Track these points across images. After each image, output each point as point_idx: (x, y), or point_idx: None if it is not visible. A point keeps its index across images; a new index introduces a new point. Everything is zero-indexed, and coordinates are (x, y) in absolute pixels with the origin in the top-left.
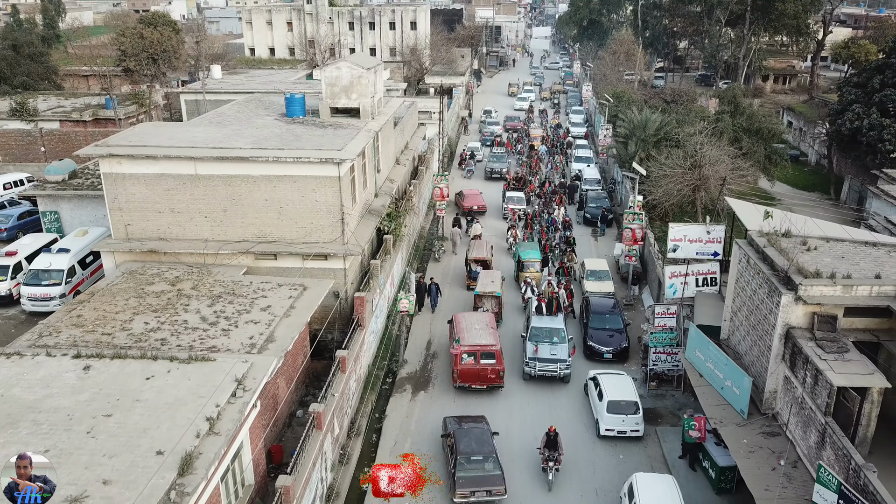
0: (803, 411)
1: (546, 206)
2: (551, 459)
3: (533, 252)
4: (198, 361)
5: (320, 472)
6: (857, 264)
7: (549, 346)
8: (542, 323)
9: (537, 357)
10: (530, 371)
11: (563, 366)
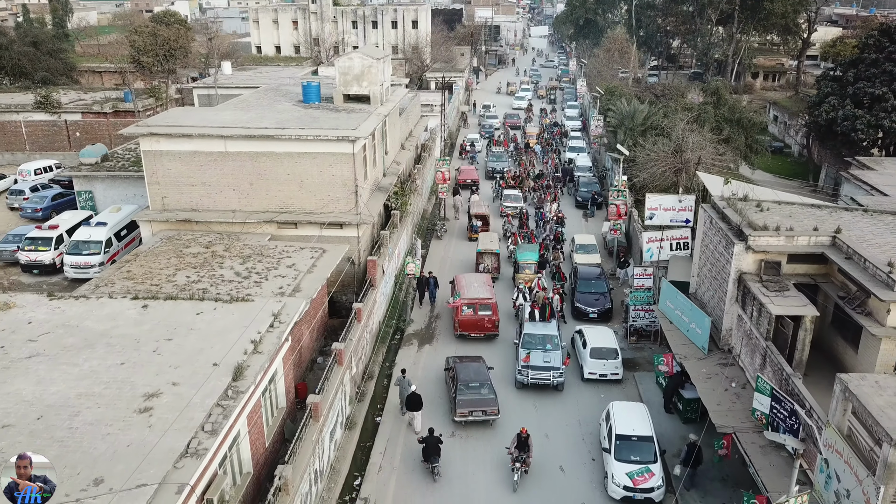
0: (751, 341)
1: (540, 202)
2: (519, 460)
3: (530, 254)
4: (238, 302)
5: (341, 402)
6: (801, 221)
7: (542, 353)
8: (535, 329)
9: (530, 365)
10: (523, 379)
11: (557, 373)
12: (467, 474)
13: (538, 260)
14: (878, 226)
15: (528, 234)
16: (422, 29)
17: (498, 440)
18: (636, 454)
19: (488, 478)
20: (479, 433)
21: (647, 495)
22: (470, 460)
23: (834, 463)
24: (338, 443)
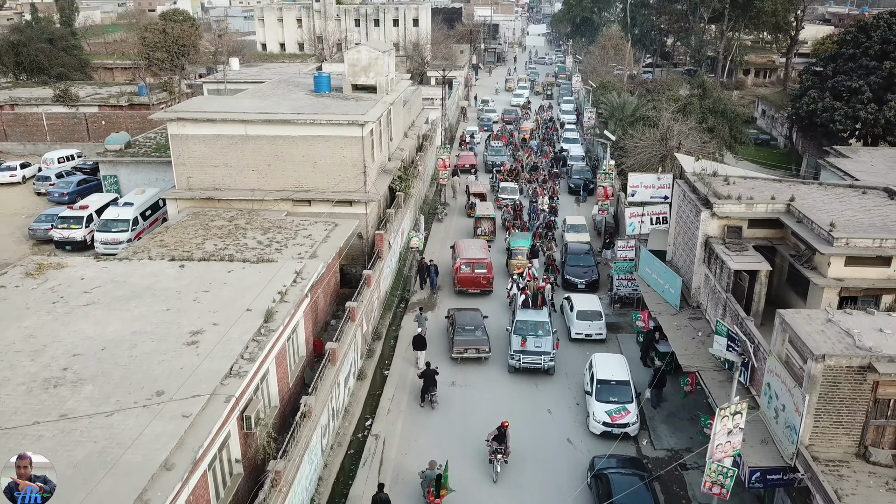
0: (715, 296)
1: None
2: (499, 452)
3: (523, 241)
4: (264, 262)
5: (354, 354)
6: (761, 192)
7: (534, 338)
8: (527, 316)
9: (522, 350)
10: (515, 364)
11: (548, 358)
12: (465, 416)
13: (530, 247)
14: (829, 196)
15: (522, 225)
16: (422, 27)
17: (490, 389)
18: (614, 395)
19: (482, 420)
20: (474, 383)
21: (623, 430)
22: (468, 406)
23: (774, 385)
24: (351, 390)
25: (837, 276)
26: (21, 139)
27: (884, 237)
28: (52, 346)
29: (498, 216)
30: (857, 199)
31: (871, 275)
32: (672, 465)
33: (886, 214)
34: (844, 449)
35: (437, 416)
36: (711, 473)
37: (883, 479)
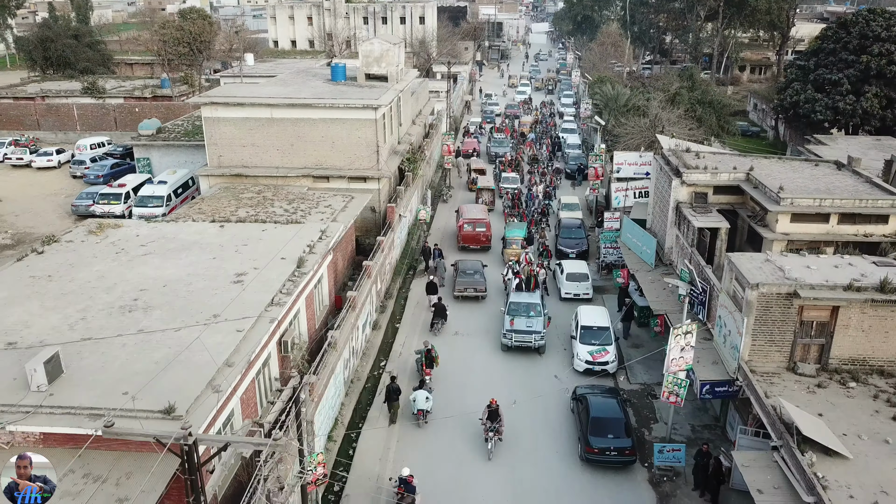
0: (683, 252)
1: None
2: (492, 430)
3: (518, 231)
4: (293, 224)
5: (369, 307)
6: (725, 164)
7: (526, 319)
8: (520, 298)
9: (514, 329)
10: (507, 342)
11: (538, 337)
12: (465, 360)
13: (525, 236)
14: (785, 168)
15: (520, 213)
16: (428, 24)
17: (488, 343)
18: (596, 338)
19: (482, 364)
20: (475, 334)
21: (603, 367)
22: (468, 352)
23: (724, 316)
24: (367, 337)
25: (784, 231)
26: (53, 128)
27: (823, 197)
28: (121, 284)
29: (499, 203)
30: (809, 170)
31: (813, 230)
32: (645, 395)
33: (831, 182)
34: (777, 364)
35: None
36: (668, 384)
37: (806, 385)
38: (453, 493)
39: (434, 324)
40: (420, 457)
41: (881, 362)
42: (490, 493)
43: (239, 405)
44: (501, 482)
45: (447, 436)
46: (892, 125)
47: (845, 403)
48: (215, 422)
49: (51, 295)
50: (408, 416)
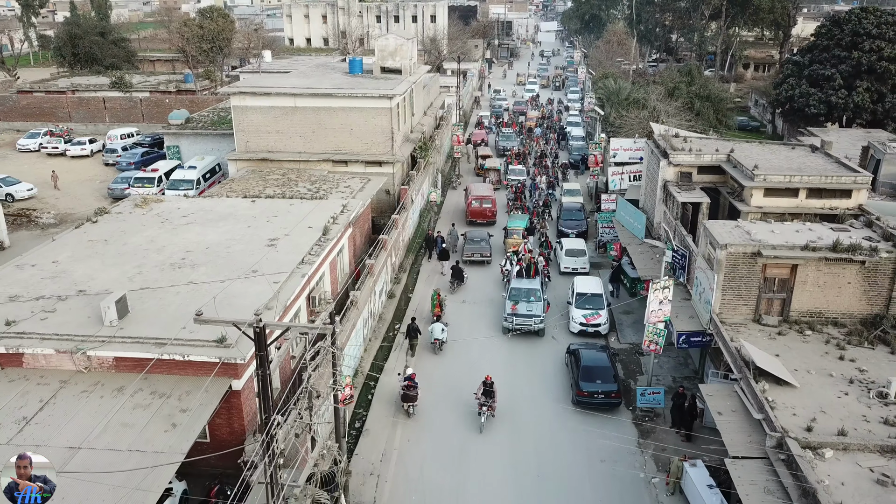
0: (669, 225)
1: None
2: (485, 405)
3: (519, 222)
4: (317, 199)
5: (385, 277)
6: (709, 147)
7: (526, 304)
8: (520, 284)
9: (515, 313)
10: (508, 325)
11: (538, 320)
12: (471, 327)
13: (526, 227)
14: (764, 151)
15: (522, 206)
16: (439, 23)
17: (491, 312)
18: (589, 304)
19: (486, 331)
20: (479, 303)
21: (595, 328)
22: (474, 320)
23: (699, 276)
24: (383, 303)
25: (758, 204)
26: (84, 120)
27: (793, 174)
28: (169, 247)
29: (502, 197)
30: (785, 152)
31: (784, 203)
32: (633, 353)
33: (804, 162)
34: (744, 316)
35: (451, 315)
36: (649, 334)
37: (768, 333)
38: (461, 423)
39: (452, 283)
40: (435, 381)
41: (835, 314)
42: (493, 433)
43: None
44: (504, 424)
45: (458, 363)
46: (882, 118)
47: (800, 347)
48: None
49: (109, 255)
50: (425, 347)
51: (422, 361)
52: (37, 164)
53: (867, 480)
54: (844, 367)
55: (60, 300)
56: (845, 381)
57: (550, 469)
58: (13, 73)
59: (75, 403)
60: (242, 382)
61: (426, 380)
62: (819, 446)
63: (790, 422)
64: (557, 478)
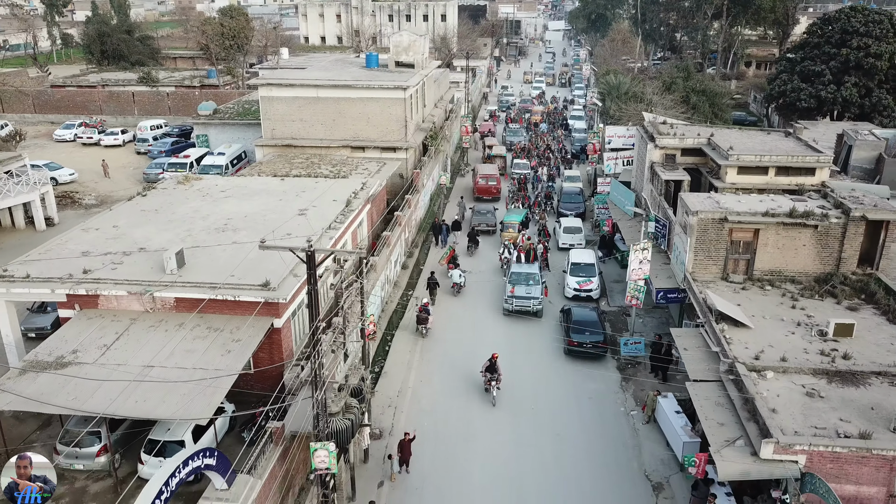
0: (654, 201)
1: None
2: (492, 380)
3: (515, 216)
4: (340, 178)
5: (399, 249)
6: (692, 131)
7: (525, 287)
8: (520, 269)
9: (515, 296)
10: (509, 307)
11: (536, 302)
12: (476, 293)
13: (522, 221)
14: (742, 135)
15: (523, 197)
16: (450, 22)
17: (494, 285)
18: (582, 272)
19: (490, 300)
20: (484, 276)
21: (587, 293)
22: (478, 292)
23: (676, 241)
24: (397, 273)
25: (732, 181)
26: (114, 112)
27: (763, 154)
28: (212, 215)
29: (505, 189)
30: (761, 137)
31: (755, 180)
32: (620, 314)
33: (776, 145)
34: (714, 274)
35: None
36: (631, 290)
37: (734, 288)
38: (467, 364)
39: (469, 247)
40: (451, 315)
41: (793, 273)
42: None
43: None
44: (505, 371)
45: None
46: (869, 112)
47: (760, 299)
48: (297, 295)
49: (161, 221)
50: (446, 291)
51: (442, 303)
52: (73, 152)
53: (798, 394)
54: (795, 314)
55: (125, 255)
56: (794, 324)
57: (545, 405)
58: (45, 69)
59: (145, 335)
60: (283, 321)
61: (444, 319)
62: (763, 370)
63: (742, 353)
64: (551, 412)
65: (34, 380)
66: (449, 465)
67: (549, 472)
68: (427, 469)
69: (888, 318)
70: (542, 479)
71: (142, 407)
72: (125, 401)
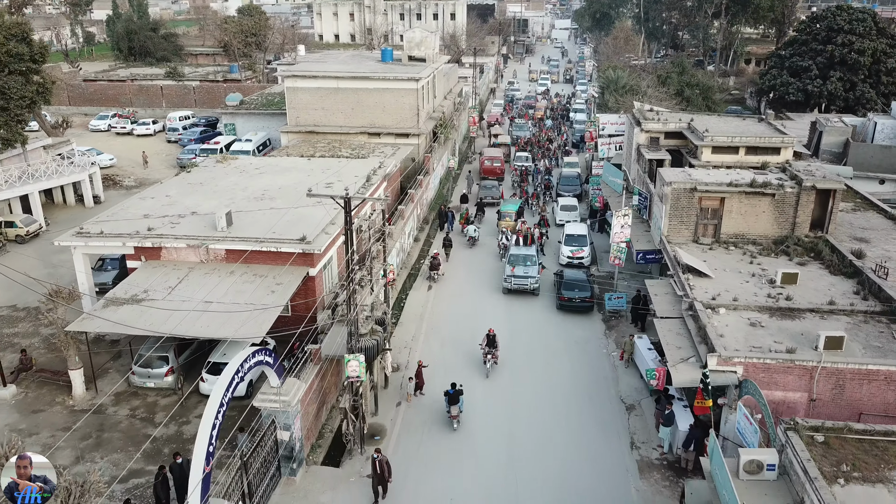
0: (640, 178)
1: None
2: (489, 354)
3: (511, 206)
4: (359, 158)
5: (412, 224)
6: (674, 117)
7: (523, 267)
8: (518, 251)
9: (513, 275)
10: (507, 285)
11: (533, 281)
12: (478, 263)
13: (517, 210)
14: (720, 121)
15: (522, 188)
16: (459, 20)
17: (494, 258)
18: (575, 243)
19: (492, 266)
20: (487, 251)
21: (579, 260)
22: (479, 263)
23: (655, 210)
24: (411, 244)
25: (707, 160)
26: (143, 105)
27: (734, 136)
28: (251, 187)
29: (508, 180)
30: (736, 122)
31: (728, 159)
32: (608, 278)
33: (748, 128)
34: (686, 237)
35: (466, 259)
36: (614, 251)
37: (702, 249)
38: (470, 319)
39: (478, 215)
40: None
41: (754, 236)
42: (498, 319)
43: (335, 249)
44: (505, 318)
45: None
46: (853, 105)
47: (724, 257)
48: (329, 248)
49: (206, 192)
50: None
51: (457, 254)
52: (108, 141)
53: (744, 324)
54: (752, 268)
55: (180, 217)
56: (749, 275)
57: (539, 347)
58: (76, 65)
59: (202, 279)
60: (316, 270)
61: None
62: (717, 307)
63: (701, 295)
64: (543, 352)
65: (115, 311)
66: (454, 370)
67: (540, 398)
68: (437, 394)
69: (830, 271)
70: (534, 404)
71: (206, 330)
72: (192, 325)
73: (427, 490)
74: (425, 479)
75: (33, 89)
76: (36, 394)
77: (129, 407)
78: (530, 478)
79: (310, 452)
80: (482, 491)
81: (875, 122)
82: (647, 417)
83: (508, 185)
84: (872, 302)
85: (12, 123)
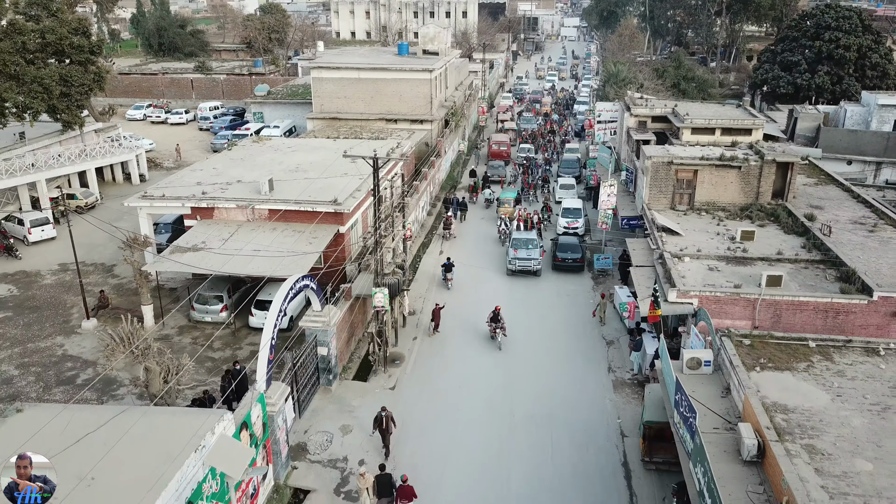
0: (629, 156)
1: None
2: (498, 328)
3: (510, 193)
4: (380, 139)
5: (425, 199)
6: (661, 103)
7: (526, 250)
8: (521, 235)
9: (517, 257)
10: (511, 267)
11: (535, 263)
12: (480, 234)
13: (515, 197)
14: (701, 107)
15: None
16: (470, 18)
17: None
18: (571, 215)
19: (493, 251)
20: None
21: (574, 230)
22: (481, 235)
23: (639, 182)
24: (424, 216)
25: (687, 140)
26: (174, 96)
27: (711, 118)
28: (286, 161)
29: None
30: (716, 107)
31: (705, 139)
32: (599, 243)
33: (725, 113)
34: (664, 205)
35: (474, 230)
36: (601, 217)
37: (678, 214)
38: (476, 292)
39: (486, 187)
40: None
41: (724, 204)
42: (497, 291)
43: (360, 212)
44: (507, 289)
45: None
46: (840, 97)
47: (696, 221)
48: (356, 210)
49: (247, 166)
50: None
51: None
52: (144, 129)
53: (703, 269)
54: (718, 228)
55: (228, 184)
56: (715, 234)
57: (534, 300)
58: (109, 60)
59: (249, 234)
60: (346, 228)
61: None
62: (683, 256)
63: (671, 248)
64: (538, 302)
65: (181, 256)
66: (465, 328)
67: (533, 334)
68: (448, 332)
69: (784, 231)
70: (530, 342)
71: (257, 269)
72: (244, 266)
73: (438, 403)
74: (436, 397)
75: (91, 78)
76: (112, 327)
77: (190, 336)
78: (524, 393)
79: (342, 372)
80: (484, 404)
81: (846, 109)
82: (623, 349)
83: (512, 169)
84: (815, 253)
85: (73, 108)
